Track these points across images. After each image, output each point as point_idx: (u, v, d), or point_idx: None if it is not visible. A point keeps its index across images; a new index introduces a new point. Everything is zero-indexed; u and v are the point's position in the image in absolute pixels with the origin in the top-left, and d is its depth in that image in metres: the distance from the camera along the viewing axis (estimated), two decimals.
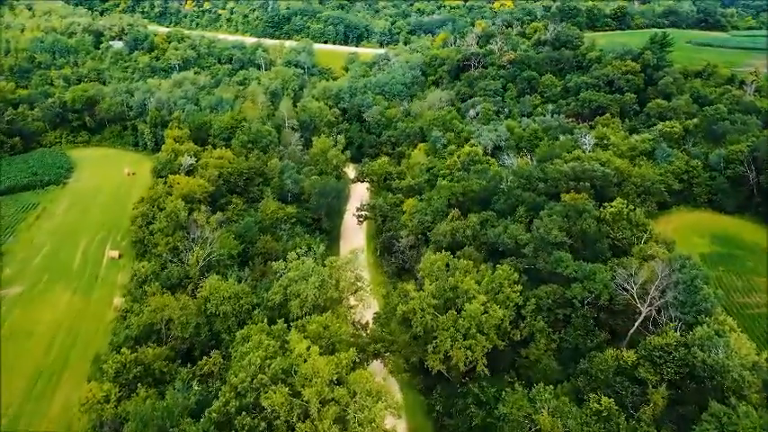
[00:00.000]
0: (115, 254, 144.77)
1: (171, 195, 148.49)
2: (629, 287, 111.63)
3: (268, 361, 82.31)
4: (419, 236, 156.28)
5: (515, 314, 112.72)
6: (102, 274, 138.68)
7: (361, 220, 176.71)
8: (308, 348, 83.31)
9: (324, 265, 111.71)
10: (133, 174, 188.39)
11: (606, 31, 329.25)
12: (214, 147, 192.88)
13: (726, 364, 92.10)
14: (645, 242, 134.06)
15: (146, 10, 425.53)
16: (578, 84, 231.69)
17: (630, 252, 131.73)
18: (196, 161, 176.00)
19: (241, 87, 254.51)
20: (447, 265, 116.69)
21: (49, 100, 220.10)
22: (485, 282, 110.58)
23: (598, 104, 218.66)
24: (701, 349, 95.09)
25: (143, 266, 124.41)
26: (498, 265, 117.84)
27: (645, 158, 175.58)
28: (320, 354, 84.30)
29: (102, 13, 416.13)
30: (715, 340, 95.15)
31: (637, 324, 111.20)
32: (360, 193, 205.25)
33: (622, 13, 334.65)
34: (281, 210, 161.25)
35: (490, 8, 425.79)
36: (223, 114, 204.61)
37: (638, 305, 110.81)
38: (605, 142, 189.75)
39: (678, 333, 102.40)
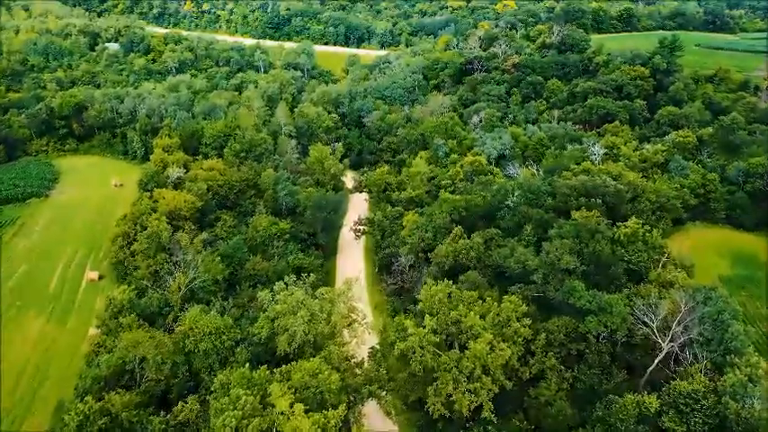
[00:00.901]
0: (95, 275, 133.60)
1: (155, 212, 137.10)
2: (648, 321, 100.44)
3: (245, 421, 71.05)
4: (420, 254, 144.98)
5: (524, 349, 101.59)
6: (80, 299, 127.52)
7: (359, 234, 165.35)
8: (292, 405, 72.05)
9: (314, 297, 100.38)
10: (120, 185, 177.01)
11: (612, 33, 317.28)
12: (206, 156, 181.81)
13: (762, 417, 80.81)
14: (663, 266, 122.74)
15: (144, 11, 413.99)
16: (585, 89, 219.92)
17: (647, 277, 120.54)
18: (185, 172, 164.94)
19: (236, 93, 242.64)
20: (449, 294, 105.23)
21: (36, 106, 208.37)
22: (490, 316, 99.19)
23: (606, 111, 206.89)
24: (734, 398, 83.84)
25: (118, 294, 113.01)
26: (505, 296, 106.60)
27: (658, 171, 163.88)
28: (306, 410, 73.10)
29: (100, 14, 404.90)
30: (750, 389, 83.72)
31: (657, 361, 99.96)
32: (359, 204, 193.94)
33: (629, 15, 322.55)
34: (274, 225, 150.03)
35: (493, 9, 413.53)
36: (216, 122, 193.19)
37: (659, 340, 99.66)
38: (615, 152, 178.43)
39: (706, 376, 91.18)
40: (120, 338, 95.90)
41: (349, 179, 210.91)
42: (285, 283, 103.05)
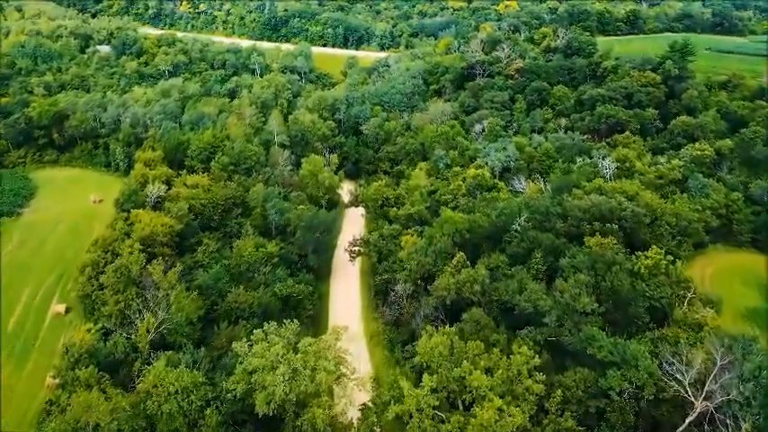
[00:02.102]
0: (61, 309, 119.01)
1: (130, 237, 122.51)
2: (679, 376, 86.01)
3: None
4: (418, 282, 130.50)
5: (536, 407, 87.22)
6: (43, 336, 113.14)
7: (354, 256, 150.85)
8: None
9: (297, 351, 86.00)
10: (100, 201, 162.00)
11: (618, 35, 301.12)
12: (192, 170, 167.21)
13: None
14: (688, 303, 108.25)
15: (140, 11, 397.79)
16: (593, 96, 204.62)
17: (672, 315, 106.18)
18: (167, 189, 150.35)
19: (228, 101, 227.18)
20: (451, 344, 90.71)
21: (14, 116, 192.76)
22: (499, 373, 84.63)
23: (616, 120, 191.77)
24: None
25: (79, 338, 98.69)
26: (515, 345, 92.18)
27: (676, 189, 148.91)
28: None
29: (94, 15, 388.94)
30: None
31: (689, 421, 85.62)
32: (355, 219, 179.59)
33: (635, 17, 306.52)
34: (261, 249, 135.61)
35: (495, 10, 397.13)
36: (204, 132, 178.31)
37: (692, 399, 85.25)
38: (627, 166, 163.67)
39: None
40: (71, 401, 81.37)
41: (345, 191, 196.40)
42: (264, 332, 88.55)
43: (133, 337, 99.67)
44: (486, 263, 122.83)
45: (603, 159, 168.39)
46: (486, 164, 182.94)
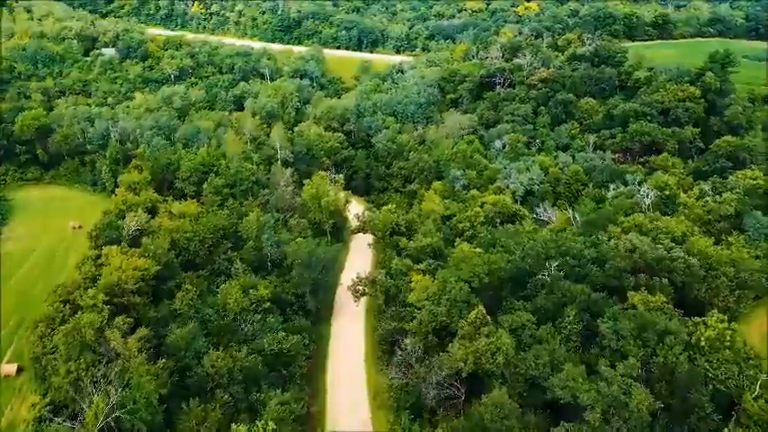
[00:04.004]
0: (12, 369, 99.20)
1: (95, 284, 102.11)
2: None
3: None
4: (430, 337, 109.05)
5: None
6: None
7: (358, 297, 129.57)
8: None
9: None
10: (79, 227, 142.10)
11: (646, 41, 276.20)
12: (181, 194, 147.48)
13: None
14: (760, 386, 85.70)
15: (151, 12, 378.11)
16: (625, 111, 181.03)
17: (741, 404, 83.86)
18: (150, 218, 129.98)
19: (228, 112, 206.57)
20: None
21: None
22: None
23: (651, 139, 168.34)
24: None
25: (22, 419, 78.43)
26: None
27: (727, 224, 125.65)
28: None
29: (105, 16, 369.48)
30: None
31: None
32: (362, 247, 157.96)
33: (664, 21, 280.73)
34: (252, 291, 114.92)
35: (514, 12, 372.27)
36: (197, 151, 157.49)
37: None
38: (668, 194, 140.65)
39: None
40: None
41: (353, 212, 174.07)
42: None
43: (80, 424, 79.24)
44: (510, 320, 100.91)
45: (640, 186, 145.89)
46: (507, 186, 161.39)
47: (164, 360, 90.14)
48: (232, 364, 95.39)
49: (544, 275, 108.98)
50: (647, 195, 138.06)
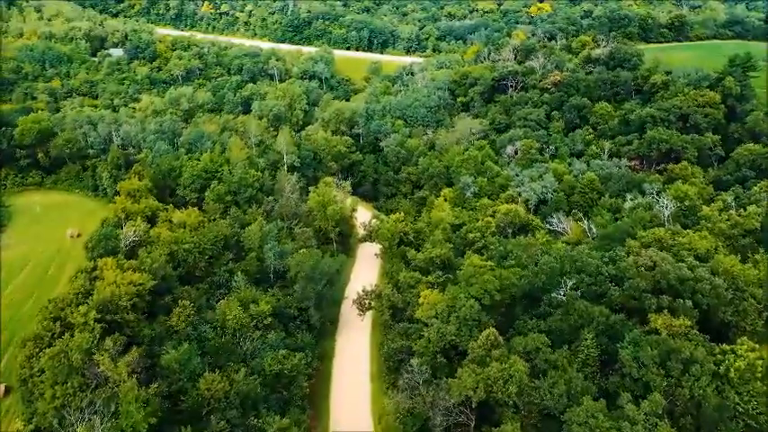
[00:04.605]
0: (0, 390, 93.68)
1: (88, 300, 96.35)
2: None
3: None
4: (438, 358, 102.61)
5: None
6: None
7: (363, 311, 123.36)
8: None
9: None
10: (78, 236, 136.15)
11: (661, 42, 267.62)
12: (183, 202, 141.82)
13: None
14: None
15: (161, 12, 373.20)
16: (642, 117, 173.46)
17: None
18: (149, 228, 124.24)
19: (234, 116, 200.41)
20: None
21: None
22: None
23: (670, 146, 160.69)
24: None
25: None
26: None
27: (752, 239, 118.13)
28: None
29: (116, 16, 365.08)
30: None
31: None
32: (369, 256, 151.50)
33: (680, 23, 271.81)
34: (253, 305, 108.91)
35: (526, 12, 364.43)
36: (200, 157, 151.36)
37: None
38: (687, 205, 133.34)
39: None
40: None
41: (361, 214, 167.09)
42: None
43: None
44: (523, 343, 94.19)
45: (658, 195, 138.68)
46: (520, 194, 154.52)
47: (156, 384, 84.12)
48: (229, 387, 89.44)
49: (559, 294, 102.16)
50: (667, 207, 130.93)
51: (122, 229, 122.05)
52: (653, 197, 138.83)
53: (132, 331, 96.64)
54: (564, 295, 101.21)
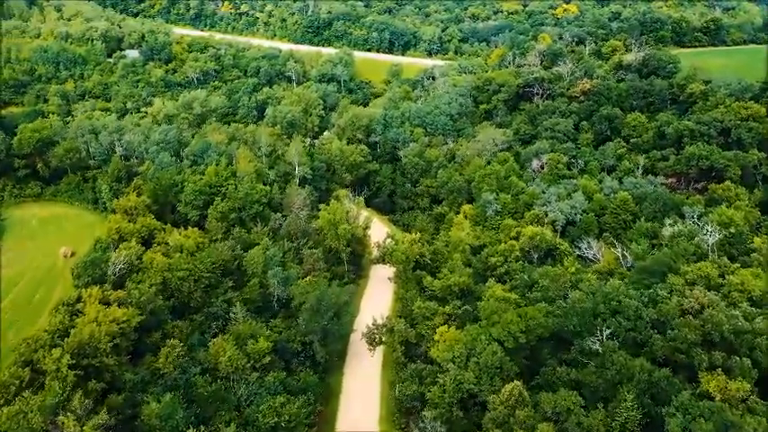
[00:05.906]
0: None
1: (63, 343, 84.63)
2: None
3: None
4: (455, 411, 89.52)
5: None
6: None
7: (374, 347, 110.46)
8: None
9: None
10: (72, 255, 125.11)
11: (696, 47, 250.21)
12: (184, 219, 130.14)
13: None
14: None
15: (181, 12, 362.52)
16: (679, 130, 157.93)
17: None
18: (143, 251, 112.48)
19: (242, 126, 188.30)
20: None
21: None
22: None
23: (711, 164, 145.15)
24: None
25: None
26: None
27: None
28: None
29: (136, 15, 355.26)
30: None
31: None
32: (382, 280, 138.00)
33: (716, 27, 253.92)
34: (251, 343, 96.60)
35: (552, 14, 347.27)
36: (204, 171, 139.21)
37: None
38: (733, 232, 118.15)
39: None
40: None
41: (375, 228, 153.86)
42: None
43: None
44: (552, 402, 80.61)
45: (699, 220, 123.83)
46: (546, 214, 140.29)
47: None
48: None
49: (593, 342, 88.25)
50: (711, 234, 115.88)
51: (114, 251, 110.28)
52: (694, 221, 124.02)
53: (112, 376, 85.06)
54: (600, 344, 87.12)
